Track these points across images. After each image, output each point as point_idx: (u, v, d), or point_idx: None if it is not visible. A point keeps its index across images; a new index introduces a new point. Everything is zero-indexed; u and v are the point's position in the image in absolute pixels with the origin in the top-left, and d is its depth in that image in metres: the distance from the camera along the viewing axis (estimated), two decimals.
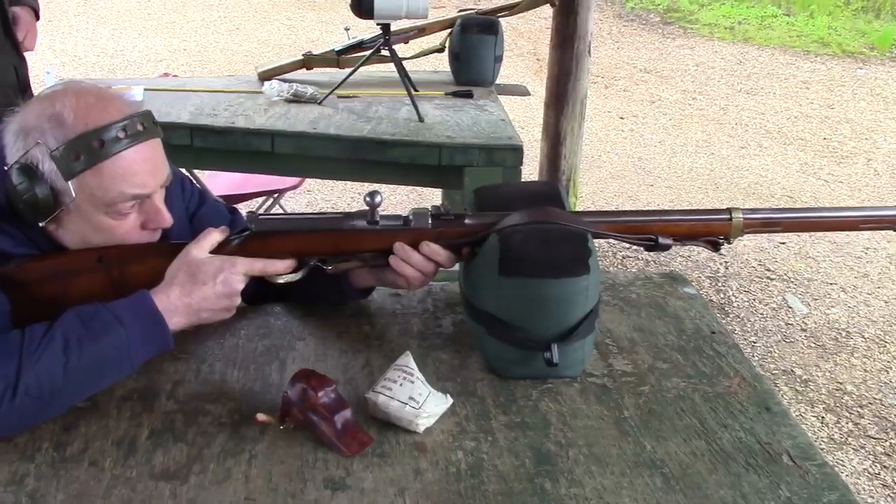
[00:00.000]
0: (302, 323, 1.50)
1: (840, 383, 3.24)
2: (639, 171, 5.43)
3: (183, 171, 1.67)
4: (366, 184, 4.32)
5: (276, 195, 3.78)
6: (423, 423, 1.20)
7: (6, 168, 1.27)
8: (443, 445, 1.19)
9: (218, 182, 3.69)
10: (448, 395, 1.26)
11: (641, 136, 6.05)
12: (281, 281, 1.37)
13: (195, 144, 2.75)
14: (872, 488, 2.70)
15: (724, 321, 3.35)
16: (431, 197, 4.28)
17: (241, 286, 1.31)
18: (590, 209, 1.45)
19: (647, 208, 4.11)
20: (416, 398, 1.21)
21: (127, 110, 1.30)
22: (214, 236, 1.34)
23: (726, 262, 4.16)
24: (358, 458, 1.15)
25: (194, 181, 1.63)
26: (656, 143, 5.93)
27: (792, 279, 4.05)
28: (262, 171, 3.29)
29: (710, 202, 4.93)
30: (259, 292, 1.44)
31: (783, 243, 4.37)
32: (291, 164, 2.90)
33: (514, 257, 1.28)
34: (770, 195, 5.09)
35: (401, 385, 1.22)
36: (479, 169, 2.58)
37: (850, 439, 2.92)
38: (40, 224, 1.28)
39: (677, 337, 1.49)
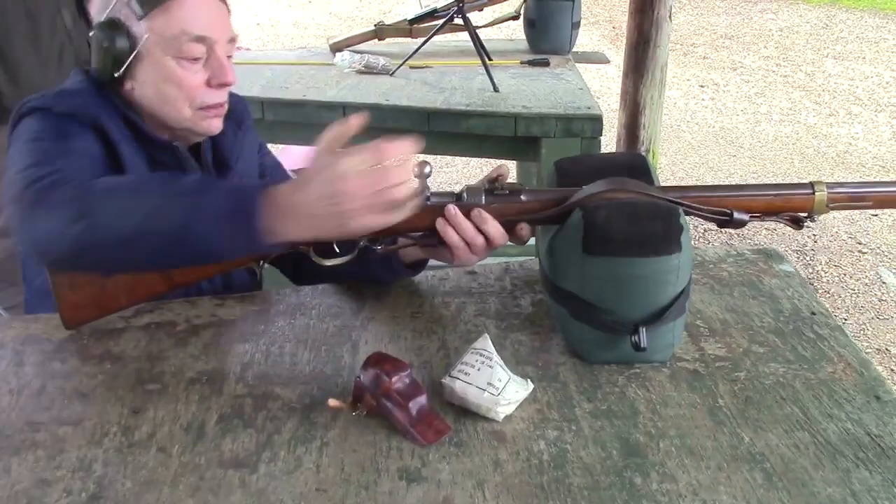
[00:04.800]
0: (374, 302, 1.44)
1: None
2: (721, 140, 5.25)
3: None
4: (439, 156, 4.27)
5: None
6: (503, 410, 1.13)
7: (89, 37, 1.36)
8: (523, 435, 1.12)
9: (290, 156, 3.66)
10: (528, 381, 1.19)
11: (723, 105, 5.84)
12: (328, 263, 1.30)
13: (266, 118, 2.72)
14: None
15: None
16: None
17: (344, 186, 1.18)
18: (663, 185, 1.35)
19: (722, 183, 3.96)
20: (496, 384, 1.14)
21: None
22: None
23: (814, 235, 3.99)
24: (434, 447, 1.09)
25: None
26: (739, 111, 5.72)
27: (886, 252, 3.85)
28: None
29: (795, 172, 4.74)
30: (306, 272, 1.37)
31: (875, 215, 4.16)
32: (363, 137, 2.84)
33: (599, 235, 1.19)
34: (860, 165, 4.86)
35: (479, 370, 1.15)
36: (557, 140, 2.49)
37: None
38: (115, 76, 1.35)
39: (774, 318, 1.39)
